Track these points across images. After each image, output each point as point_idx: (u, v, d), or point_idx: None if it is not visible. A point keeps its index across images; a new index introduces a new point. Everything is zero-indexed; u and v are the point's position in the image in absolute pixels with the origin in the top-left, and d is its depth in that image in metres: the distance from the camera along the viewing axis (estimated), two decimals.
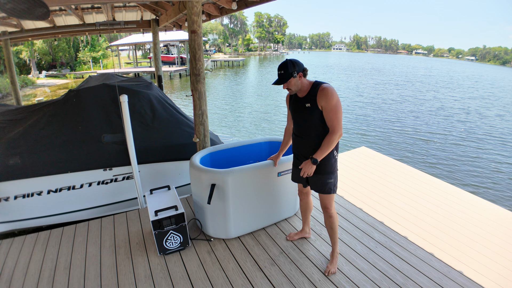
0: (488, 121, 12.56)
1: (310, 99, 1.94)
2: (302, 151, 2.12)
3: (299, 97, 2.03)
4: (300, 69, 1.92)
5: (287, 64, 1.89)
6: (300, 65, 1.93)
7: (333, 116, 1.88)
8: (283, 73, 1.90)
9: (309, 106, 1.95)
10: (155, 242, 2.31)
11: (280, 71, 1.91)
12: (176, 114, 3.84)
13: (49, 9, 1.54)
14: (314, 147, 2.01)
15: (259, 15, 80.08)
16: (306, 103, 1.96)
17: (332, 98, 1.86)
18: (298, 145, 2.16)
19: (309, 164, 1.97)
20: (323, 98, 1.88)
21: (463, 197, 3.50)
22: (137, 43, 26.18)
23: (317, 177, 2.08)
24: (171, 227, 2.31)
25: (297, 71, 1.90)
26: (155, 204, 2.43)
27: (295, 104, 2.07)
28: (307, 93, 1.97)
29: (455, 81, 28.90)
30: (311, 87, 1.96)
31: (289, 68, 1.89)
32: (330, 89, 1.88)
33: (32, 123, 3.18)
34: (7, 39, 6.20)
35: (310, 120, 1.98)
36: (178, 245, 2.40)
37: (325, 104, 1.88)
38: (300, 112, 2.03)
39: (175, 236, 2.36)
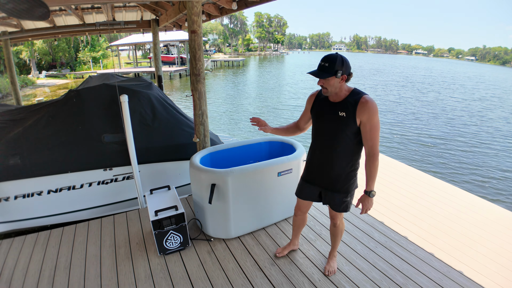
0: (489, 122, 12.56)
1: (347, 108, 1.66)
2: (321, 165, 1.85)
3: (330, 101, 1.75)
4: (347, 71, 1.63)
5: (336, 58, 1.58)
6: (349, 67, 1.64)
7: (374, 134, 1.65)
8: (327, 67, 1.59)
9: (343, 115, 1.67)
10: (155, 242, 2.31)
11: (325, 62, 1.59)
12: (176, 114, 3.84)
13: (49, 9, 1.54)
14: (337, 162, 1.78)
15: (259, 15, 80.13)
16: (341, 111, 1.68)
17: (376, 113, 1.62)
18: (317, 157, 1.88)
19: (368, 199, 1.75)
20: (366, 112, 1.61)
21: (463, 197, 3.50)
22: (137, 43, 26.18)
23: (332, 195, 1.88)
24: (171, 227, 2.31)
25: (343, 72, 1.61)
26: (155, 204, 2.43)
27: (323, 108, 1.78)
28: (343, 100, 1.69)
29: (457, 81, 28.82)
30: (350, 94, 1.69)
31: (337, 64, 1.57)
32: (374, 103, 1.63)
33: (32, 123, 3.18)
34: (7, 39, 6.20)
35: (340, 131, 1.70)
36: (178, 245, 2.40)
37: (367, 119, 1.62)
38: (330, 120, 1.74)
39: (175, 236, 2.36)
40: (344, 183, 1.83)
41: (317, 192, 1.98)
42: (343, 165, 1.78)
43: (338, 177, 1.82)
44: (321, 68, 1.61)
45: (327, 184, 1.88)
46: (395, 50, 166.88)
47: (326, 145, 1.79)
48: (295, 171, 2.64)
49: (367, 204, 1.76)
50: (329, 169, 1.82)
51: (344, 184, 1.83)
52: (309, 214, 2.96)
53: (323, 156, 1.83)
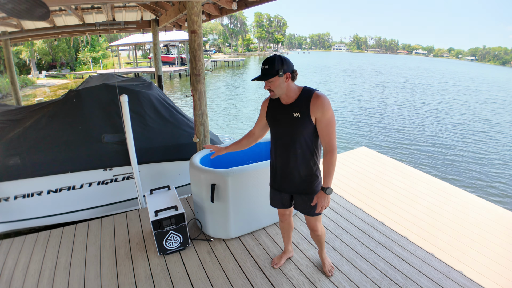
0: (489, 122, 12.56)
1: (300, 107, 1.64)
2: (284, 171, 1.81)
3: (283, 104, 1.72)
4: (289, 69, 1.60)
5: (274, 60, 1.57)
6: (290, 64, 1.61)
7: (330, 130, 1.62)
8: (267, 69, 1.57)
9: (298, 116, 1.64)
10: (155, 242, 2.31)
11: (265, 65, 1.58)
12: (176, 114, 3.84)
13: (49, 9, 1.54)
14: (300, 165, 1.74)
15: (259, 15, 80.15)
16: (294, 112, 1.65)
17: (329, 108, 1.60)
18: (279, 163, 1.83)
19: (324, 196, 1.70)
20: (319, 108, 1.59)
21: (463, 197, 3.50)
22: (137, 43, 26.18)
23: (303, 199, 1.83)
24: (171, 227, 2.31)
25: (285, 70, 1.58)
26: (155, 204, 2.43)
27: (277, 112, 1.74)
28: (296, 100, 1.67)
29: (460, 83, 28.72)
30: (301, 93, 1.67)
31: (276, 65, 1.56)
32: (326, 98, 1.62)
33: (32, 123, 3.19)
34: (7, 39, 6.21)
35: (298, 132, 1.67)
36: (178, 245, 2.40)
37: (321, 115, 1.60)
38: (285, 123, 1.71)
39: (175, 236, 2.36)
40: (311, 184, 1.79)
41: (288, 198, 1.94)
42: (305, 166, 1.74)
43: (304, 179, 1.78)
44: (263, 71, 1.59)
45: (295, 189, 1.84)
46: (395, 50, 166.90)
47: (285, 149, 1.75)
48: None
49: (323, 201, 1.71)
50: (293, 173, 1.78)
51: (311, 185, 1.79)
52: None
53: (284, 160, 1.78)
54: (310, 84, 1.84)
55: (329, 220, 2.88)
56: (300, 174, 1.77)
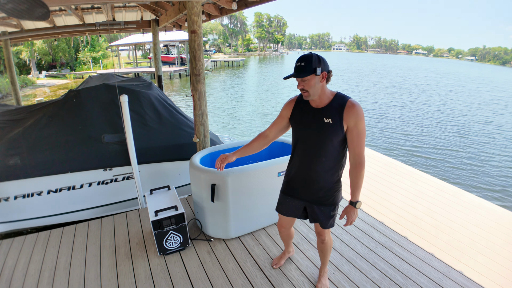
0: (490, 123, 12.56)
1: (332, 113, 1.53)
2: (304, 177, 1.70)
3: (313, 107, 1.60)
4: (326, 68, 1.49)
5: (311, 57, 1.46)
6: (327, 64, 1.50)
7: (361, 141, 1.52)
8: (304, 66, 1.46)
9: (329, 122, 1.53)
10: (155, 242, 2.31)
11: (300, 62, 1.47)
12: (176, 114, 3.84)
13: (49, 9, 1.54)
14: (323, 174, 1.63)
15: (259, 15, 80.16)
16: (326, 118, 1.54)
17: (362, 119, 1.50)
18: (299, 169, 1.71)
19: (353, 210, 1.61)
20: (353, 117, 1.49)
21: (463, 197, 3.50)
22: (137, 43, 26.19)
23: (320, 209, 1.71)
24: (171, 227, 2.31)
25: (322, 69, 1.47)
26: (155, 204, 2.43)
27: (305, 115, 1.62)
28: (328, 105, 1.55)
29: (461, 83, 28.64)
30: (334, 98, 1.56)
31: (314, 62, 1.45)
32: (361, 108, 1.51)
33: (32, 123, 3.18)
34: (7, 39, 6.20)
35: (326, 139, 1.56)
36: (178, 245, 2.40)
37: (354, 125, 1.50)
38: (314, 127, 1.59)
39: (175, 236, 2.36)
40: (330, 195, 1.69)
41: (301, 207, 1.80)
42: (328, 176, 1.64)
43: (324, 189, 1.67)
44: (298, 68, 1.48)
45: (312, 198, 1.71)
46: (395, 50, 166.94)
47: (309, 155, 1.64)
48: None
49: (353, 216, 1.63)
50: (314, 181, 1.67)
51: (330, 196, 1.69)
52: None
53: (306, 167, 1.67)
54: None
55: None
56: (321, 183, 1.67)
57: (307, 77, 1.48)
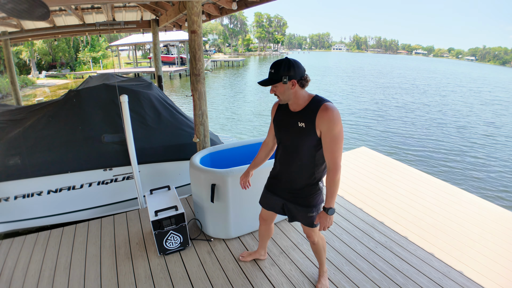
0: (490, 123, 12.56)
1: (307, 117, 1.52)
2: (282, 177, 1.76)
3: (291, 110, 1.61)
4: (297, 76, 1.47)
5: (281, 64, 1.47)
6: (299, 71, 1.48)
7: (335, 147, 1.49)
8: (273, 73, 1.49)
9: (303, 126, 1.53)
10: (155, 242, 2.31)
11: (272, 69, 1.49)
12: (176, 114, 3.84)
13: (49, 9, 1.54)
14: (299, 175, 1.67)
15: (259, 15, 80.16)
16: (300, 122, 1.55)
17: (337, 123, 1.46)
18: (279, 169, 1.77)
19: (326, 216, 1.59)
20: (326, 122, 1.46)
21: (463, 197, 3.50)
22: (137, 43, 26.19)
23: (297, 209, 1.76)
24: (171, 227, 2.31)
25: (291, 77, 1.46)
26: (155, 204, 2.43)
27: (283, 118, 1.65)
28: (303, 109, 1.55)
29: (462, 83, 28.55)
30: (310, 102, 1.54)
31: (282, 70, 1.46)
32: (336, 111, 1.47)
33: (32, 123, 3.18)
34: (7, 39, 6.20)
35: (300, 143, 1.58)
36: (178, 245, 2.40)
37: (327, 129, 1.47)
38: (289, 131, 1.62)
39: (175, 236, 2.36)
40: (307, 196, 1.69)
41: (279, 204, 1.85)
42: (304, 177, 1.66)
43: (300, 190, 1.70)
44: (269, 75, 1.50)
45: (289, 197, 1.76)
46: (395, 50, 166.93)
47: (287, 157, 1.68)
48: None
49: (325, 222, 1.59)
50: (291, 181, 1.71)
51: (307, 197, 1.69)
52: None
53: (284, 167, 1.72)
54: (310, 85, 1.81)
55: None
56: (297, 184, 1.70)
57: (275, 84, 1.51)
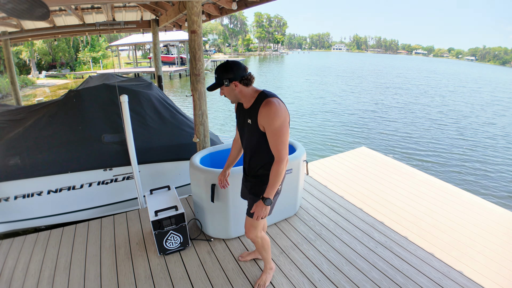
0: (490, 123, 12.56)
1: (252, 114, 1.58)
2: (245, 169, 1.86)
3: (243, 107, 1.69)
4: (237, 77, 1.54)
5: (221, 68, 1.56)
6: (238, 72, 1.54)
7: (277, 140, 1.53)
8: (216, 78, 1.57)
9: (250, 122, 1.61)
10: (155, 242, 2.31)
11: (215, 74, 1.57)
12: (176, 114, 3.84)
13: (49, 9, 1.54)
14: (252, 167, 1.75)
15: (259, 15, 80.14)
16: (248, 118, 1.62)
17: (275, 118, 1.49)
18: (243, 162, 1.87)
19: (262, 206, 1.61)
20: (265, 117, 1.51)
21: (463, 197, 3.50)
22: (137, 43, 26.18)
23: (250, 198, 1.82)
24: (171, 227, 2.31)
25: (231, 79, 1.54)
26: (155, 204, 2.43)
27: (240, 115, 1.75)
28: (251, 106, 1.61)
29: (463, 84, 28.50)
30: (256, 99, 1.59)
31: (222, 74, 1.54)
32: (275, 105, 1.50)
33: (32, 124, 3.18)
34: (7, 39, 6.20)
35: (251, 139, 1.67)
36: (178, 245, 2.40)
37: (267, 125, 1.52)
38: (243, 127, 1.71)
39: (175, 236, 2.36)
40: (257, 186, 1.75)
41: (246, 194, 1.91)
42: (256, 169, 1.73)
43: (253, 179, 1.78)
44: (215, 80, 1.59)
45: (248, 186, 1.84)
46: (395, 50, 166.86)
47: (245, 150, 1.80)
48: (295, 171, 2.64)
49: (260, 211, 1.62)
50: (248, 173, 1.82)
51: (258, 187, 1.75)
52: (310, 214, 2.97)
53: (244, 160, 1.83)
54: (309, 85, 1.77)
55: (329, 220, 2.89)
56: (252, 175, 1.78)
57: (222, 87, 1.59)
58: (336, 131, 9.94)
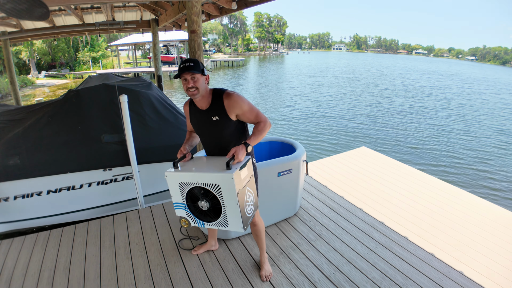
0: (491, 124, 12.57)
1: (217, 110, 1.68)
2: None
3: (200, 109, 1.74)
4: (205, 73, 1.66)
5: (197, 60, 1.63)
6: None
7: (253, 113, 1.71)
8: (193, 65, 1.59)
9: (217, 119, 1.68)
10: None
11: (189, 63, 1.60)
12: (176, 114, 3.84)
13: (49, 9, 1.53)
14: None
15: (259, 15, 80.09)
16: (213, 116, 1.68)
17: (243, 102, 1.66)
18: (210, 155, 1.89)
19: (242, 147, 1.63)
20: (236, 107, 1.66)
21: (463, 197, 3.50)
22: (136, 43, 26.18)
23: None
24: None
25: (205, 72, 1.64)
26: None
27: (197, 117, 1.78)
28: (211, 104, 1.70)
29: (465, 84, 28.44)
30: (213, 97, 1.69)
31: (200, 64, 1.62)
32: (236, 95, 1.68)
33: (31, 124, 3.18)
34: (7, 39, 6.20)
35: (223, 134, 1.73)
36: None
37: (240, 110, 1.67)
38: (208, 127, 1.75)
39: None
40: None
41: None
42: None
43: None
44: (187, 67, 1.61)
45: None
46: (395, 50, 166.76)
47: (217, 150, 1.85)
48: (295, 171, 2.64)
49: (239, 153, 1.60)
50: None
51: None
52: (310, 214, 2.96)
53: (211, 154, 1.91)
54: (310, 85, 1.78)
55: (329, 220, 2.88)
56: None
57: (196, 75, 1.60)
58: (336, 131, 9.94)
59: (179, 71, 1.63)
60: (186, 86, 1.62)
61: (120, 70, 22.50)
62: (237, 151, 1.62)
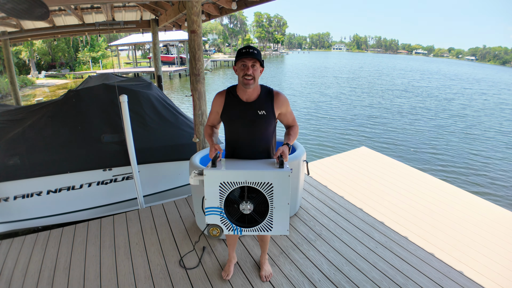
0: (491, 124, 12.57)
1: (265, 105, 1.68)
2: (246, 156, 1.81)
3: (243, 101, 1.70)
4: None
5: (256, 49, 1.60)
6: None
7: (292, 116, 1.82)
8: (257, 53, 1.57)
9: (263, 113, 1.67)
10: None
11: (252, 50, 1.57)
12: (176, 114, 3.84)
13: (49, 9, 1.53)
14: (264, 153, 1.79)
15: (259, 15, 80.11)
16: (259, 110, 1.67)
17: (288, 103, 1.77)
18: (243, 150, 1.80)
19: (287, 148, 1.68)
20: (283, 105, 1.72)
21: (463, 197, 3.50)
22: (136, 43, 26.17)
23: None
24: None
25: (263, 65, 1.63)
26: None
27: (239, 108, 1.71)
28: (258, 98, 1.69)
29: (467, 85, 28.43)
30: (262, 91, 1.71)
31: (259, 55, 1.60)
32: (284, 94, 1.76)
33: (31, 124, 3.18)
34: (7, 39, 6.20)
35: (263, 129, 1.73)
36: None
37: (285, 110, 1.75)
38: (251, 119, 1.69)
39: None
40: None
41: None
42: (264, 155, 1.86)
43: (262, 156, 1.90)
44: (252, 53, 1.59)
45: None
46: (395, 50, 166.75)
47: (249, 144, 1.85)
48: (295, 171, 2.64)
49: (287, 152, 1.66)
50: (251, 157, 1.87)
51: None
52: (310, 214, 2.96)
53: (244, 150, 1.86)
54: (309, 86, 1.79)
55: (329, 220, 2.88)
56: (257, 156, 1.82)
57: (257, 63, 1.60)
58: (336, 131, 9.94)
59: (241, 55, 1.57)
60: (244, 72, 1.58)
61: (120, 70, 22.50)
62: (284, 151, 1.64)
